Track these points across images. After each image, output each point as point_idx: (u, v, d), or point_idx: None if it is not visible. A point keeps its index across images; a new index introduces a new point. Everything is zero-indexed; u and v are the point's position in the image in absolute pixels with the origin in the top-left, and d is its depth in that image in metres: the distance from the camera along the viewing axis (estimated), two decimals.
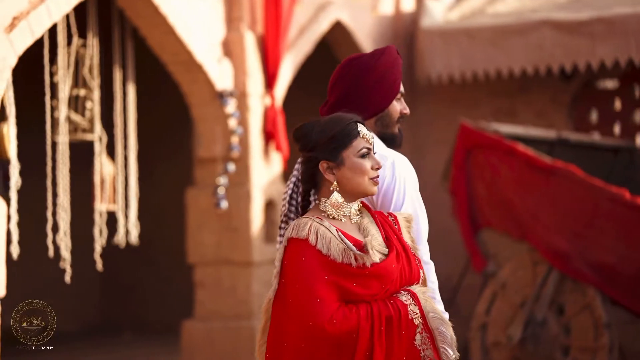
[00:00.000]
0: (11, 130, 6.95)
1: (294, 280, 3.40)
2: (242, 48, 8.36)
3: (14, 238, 6.92)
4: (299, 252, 3.42)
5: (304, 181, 3.60)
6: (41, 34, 6.71)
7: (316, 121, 3.61)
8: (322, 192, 3.58)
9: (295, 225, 3.46)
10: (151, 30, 7.87)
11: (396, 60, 3.97)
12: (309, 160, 3.55)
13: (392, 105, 3.94)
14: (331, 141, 3.54)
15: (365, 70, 3.95)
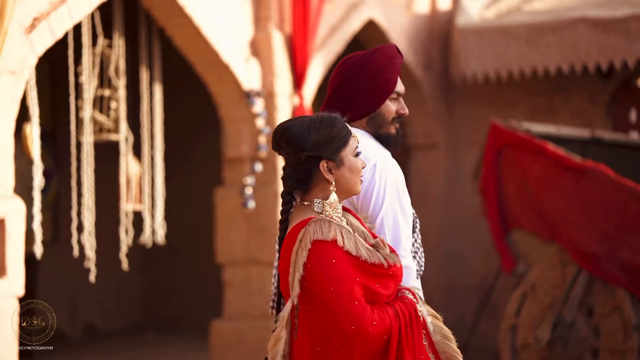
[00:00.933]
0: (34, 130, 7.01)
1: (327, 283, 3.32)
2: (270, 48, 8.35)
3: (38, 238, 6.99)
4: (328, 255, 3.34)
5: (299, 181, 3.51)
6: (62, 34, 6.76)
7: (302, 121, 3.56)
8: (315, 193, 3.52)
9: (316, 227, 3.37)
10: (177, 31, 7.89)
11: (391, 59, 3.91)
12: (308, 160, 3.48)
13: (386, 105, 3.89)
14: (333, 140, 3.50)
15: (357, 69, 3.92)
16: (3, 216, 6.25)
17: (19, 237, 6.36)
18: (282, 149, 3.53)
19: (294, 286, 3.34)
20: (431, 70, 10.62)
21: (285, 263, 3.42)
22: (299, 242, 3.37)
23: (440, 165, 10.81)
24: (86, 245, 7.40)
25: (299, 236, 3.38)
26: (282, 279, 3.45)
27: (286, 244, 3.45)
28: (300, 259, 3.34)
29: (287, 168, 3.55)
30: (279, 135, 3.52)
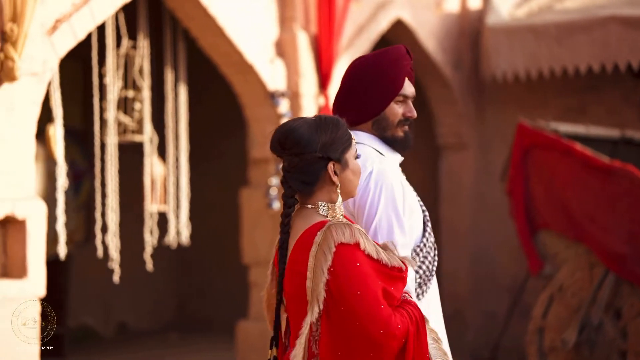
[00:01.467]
0: (58, 131, 7.05)
1: (353, 287, 3.26)
2: (295, 48, 8.34)
3: (61, 239, 7.03)
4: (352, 258, 3.29)
5: (305, 183, 3.43)
6: (84, 36, 6.79)
7: (306, 122, 3.52)
8: (320, 196, 3.47)
9: (338, 230, 3.31)
10: (202, 32, 7.90)
11: (397, 61, 3.84)
12: (316, 161, 3.43)
13: (391, 108, 3.83)
14: (339, 141, 3.46)
15: (361, 71, 3.89)
16: (24, 217, 6.29)
17: (40, 238, 6.39)
18: (285, 150, 3.47)
19: (319, 291, 3.27)
20: (461, 69, 10.56)
21: (297, 267, 3.35)
22: (317, 246, 3.31)
23: (470, 166, 10.74)
24: (110, 246, 7.43)
25: (317, 239, 3.32)
26: (291, 282, 3.39)
27: (299, 247, 3.38)
28: (324, 263, 3.27)
29: (292, 170, 3.47)
30: (284, 137, 3.45)
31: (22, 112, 6.32)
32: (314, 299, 3.27)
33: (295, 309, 3.39)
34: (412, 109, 3.85)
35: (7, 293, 6.22)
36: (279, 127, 3.50)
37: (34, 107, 6.42)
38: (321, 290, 3.25)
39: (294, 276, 3.38)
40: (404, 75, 3.83)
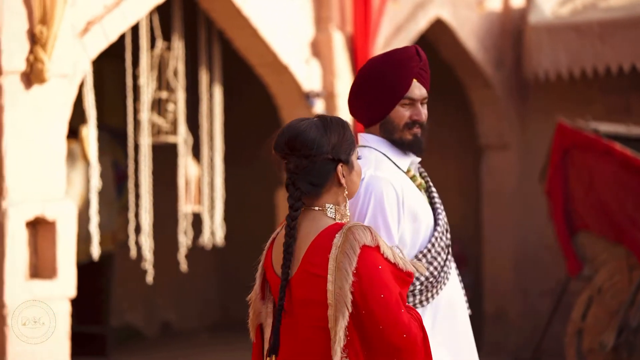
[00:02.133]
0: (91, 133, 7.10)
1: (377, 290, 3.21)
2: (331, 48, 8.31)
3: (95, 240, 7.07)
4: (375, 261, 3.23)
5: (314, 186, 3.35)
6: (116, 38, 6.82)
7: (312, 123, 3.46)
8: (327, 198, 3.40)
9: (360, 232, 3.25)
10: (236, 33, 7.91)
11: (403, 62, 3.76)
12: (326, 163, 3.36)
13: (396, 110, 3.75)
14: (346, 143, 3.38)
15: (367, 72, 3.84)
16: (54, 218, 6.33)
17: (70, 239, 6.44)
18: (292, 153, 3.42)
19: (346, 293, 3.19)
20: (503, 69, 10.45)
21: (314, 270, 3.27)
22: (338, 248, 3.23)
23: (512, 166, 10.63)
24: (144, 246, 7.46)
25: (336, 241, 3.24)
26: (305, 286, 3.31)
27: (315, 250, 3.30)
28: (348, 265, 3.20)
29: (300, 172, 3.40)
30: (293, 138, 3.38)
31: (52, 113, 6.37)
32: (342, 302, 3.20)
33: (306, 313, 3.30)
34: (419, 112, 3.75)
35: (38, 293, 6.27)
36: (286, 129, 3.42)
37: (64, 108, 6.46)
38: (347, 293, 3.18)
39: (309, 279, 3.30)
40: (411, 77, 3.74)
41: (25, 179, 6.21)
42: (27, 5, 6.18)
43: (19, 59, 6.16)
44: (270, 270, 3.42)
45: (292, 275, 3.32)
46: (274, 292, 3.41)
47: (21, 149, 6.19)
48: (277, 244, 3.43)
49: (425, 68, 3.78)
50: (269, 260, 3.44)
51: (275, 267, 3.39)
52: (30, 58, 6.18)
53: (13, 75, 6.14)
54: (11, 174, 6.14)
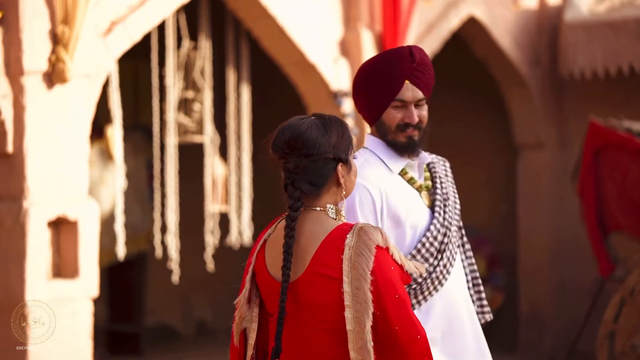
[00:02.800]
0: (116, 132, 7.11)
1: (392, 291, 3.19)
2: (359, 47, 8.26)
3: (120, 240, 7.08)
4: (388, 261, 3.22)
5: (315, 186, 3.31)
6: (140, 37, 6.83)
7: (312, 122, 3.41)
8: (326, 198, 3.35)
9: (372, 232, 3.22)
10: (263, 32, 7.89)
11: (393, 63, 3.68)
12: (328, 162, 3.31)
13: (388, 112, 3.70)
14: (346, 142, 3.36)
15: (360, 74, 3.82)
16: (76, 218, 6.35)
17: (93, 238, 6.45)
18: (293, 152, 3.37)
19: (366, 293, 3.16)
20: (538, 67, 10.33)
21: (327, 271, 3.22)
22: (352, 249, 3.20)
23: (549, 165, 10.50)
24: (170, 246, 7.46)
25: (349, 242, 3.21)
26: (315, 288, 3.24)
27: (326, 251, 3.25)
28: (366, 266, 3.17)
29: (300, 171, 3.35)
30: (294, 138, 3.32)
31: (75, 113, 6.39)
32: (363, 303, 3.16)
33: (312, 316, 3.25)
34: (410, 115, 3.67)
35: (60, 293, 6.30)
36: (286, 128, 3.35)
37: (87, 108, 6.48)
38: (367, 292, 3.15)
39: (320, 281, 3.25)
40: (403, 78, 3.67)
41: (47, 179, 6.23)
42: (49, 5, 6.20)
43: (41, 59, 6.19)
44: (263, 273, 3.36)
45: (298, 277, 3.27)
46: (265, 295, 3.36)
47: (43, 149, 6.21)
48: (271, 245, 3.37)
49: (422, 69, 3.69)
50: (261, 263, 3.37)
51: (271, 269, 3.33)
52: (52, 58, 6.20)
53: (35, 76, 6.17)
54: (32, 174, 6.16)
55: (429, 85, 3.73)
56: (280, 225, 3.40)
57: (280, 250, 3.28)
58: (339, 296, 3.18)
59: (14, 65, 6.11)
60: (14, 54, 6.11)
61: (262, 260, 3.37)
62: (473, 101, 11.15)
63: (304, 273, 3.26)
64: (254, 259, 3.39)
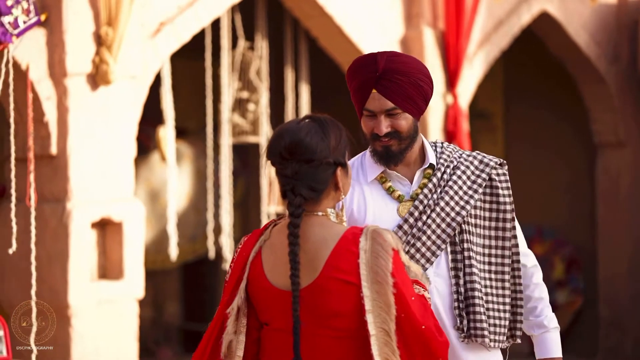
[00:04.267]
0: (169, 133, 7.11)
1: (408, 292, 3.14)
2: (421, 45, 8.11)
3: (173, 240, 7.09)
4: (401, 263, 3.18)
5: (316, 191, 3.21)
6: (189, 38, 6.81)
7: (309, 126, 3.32)
8: (326, 202, 3.25)
9: (386, 235, 3.16)
10: (320, 31, 7.81)
11: (358, 71, 3.50)
12: (328, 167, 3.23)
13: (363, 120, 3.55)
14: (343, 144, 3.27)
15: (346, 76, 3.72)
16: (120, 219, 6.36)
17: (138, 239, 6.46)
18: (292, 158, 3.28)
19: (389, 296, 3.11)
20: (617, 63, 10.01)
21: (343, 276, 3.14)
22: (367, 252, 3.14)
23: (628, 165, 10.18)
24: (224, 246, 7.44)
25: (363, 246, 3.15)
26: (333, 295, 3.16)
27: (339, 256, 3.17)
28: (385, 269, 3.12)
29: (299, 177, 3.25)
30: (294, 144, 3.21)
31: (120, 114, 6.40)
32: (386, 307, 3.11)
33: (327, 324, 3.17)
34: (378, 125, 3.48)
35: (105, 294, 6.32)
36: (284, 133, 3.25)
37: (133, 109, 6.49)
38: (390, 295, 3.10)
39: (336, 286, 3.16)
40: (369, 87, 3.48)
41: (91, 180, 6.25)
42: (93, 7, 6.22)
43: (85, 60, 6.21)
44: (261, 281, 3.26)
45: (309, 284, 3.18)
46: (262, 304, 3.27)
47: (86, 151, 6.23)
48: (269, 251, 3.27)
49: (391, 78, 3.46)
50: (258, 270, 3.27)
51: (270, 276, 3.24)
52: (96, 60, 6.22)
53: (78, 77, 6.20)
54: (76, 176, 6.19)
55: (404, 95, 3.49)
56: (275, 230, 3.31)
57: (281, 257, 3.21)
58: (356, 301, 3.13)
59: (58, 67, 6.15)
60: (58, 55, 6.15)
61: (259, 268, 3.28)
62: (550, 98, 10.88)
63: (317, 279, 3.18)
64: (247, 267, 3.29)
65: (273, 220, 3.37)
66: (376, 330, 3.10)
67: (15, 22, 5.90)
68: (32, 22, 6.02)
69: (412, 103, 3.50)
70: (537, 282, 3.70)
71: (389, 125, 3.50)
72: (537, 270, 3.71)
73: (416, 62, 3.57)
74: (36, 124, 6.13)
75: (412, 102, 3.50)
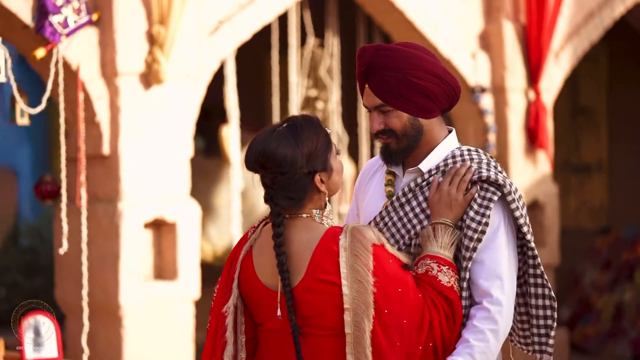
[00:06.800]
0: (233, 133, 7.04)
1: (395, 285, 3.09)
2: (501, 40, 7.83)
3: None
4: (386, 257, 3.13)
5: (294, 200, 3.18)
6: (249, 36, 6.72)
7: (282, 136, 3.20)
8: (310, 206, 3.22)
9: (365, 231, 3.12)
10: (392, 27, 7.63)
11: (356, 64, 3.35)
12: (303, 177, 3.18)
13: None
14: (320, 150, 3.20)
15: None
16: (174, 220, 6.30)
17: (193, 240, 6.39)
18: (266, 170, 3.21)
19: (367, 296, 3.07)
20: None
21: (326, 276, 3.11)
22: (347, 250, 3.10)
23: None
24: None
25: (343, 244, 3.11)
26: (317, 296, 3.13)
27: (321, 256, 3.13)
28: (365, 266, 3.08)
29: (276, 187, 3.19)
30: (263, 158, 3.17)
31: (174, 114, 6.34)
32: (363, 306, 3.08)
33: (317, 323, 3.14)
34: (371, 122, 3.33)
35: (159, 295, 6.28)
36: (254, 144, 3.22)
37: (189, 108, 6.42)
38: (369, 294, 3.07)
39: (321, 287, 3.14)
40: (362, 82, 3.32)
41: (143, 180, 6.21)
42: (145, 5, 6.18)
43: (137, 60, 6.17)
44: (253, 281, 3.23)
45: (295, 286, 3.16)
46: (254, 304, 3.25)
47: (139, 150, 6.20)
48: (258, 251, 3.24)
49: (377, 72, 3.26)
50: (249, 269, 3.24)
51: (261, 276, 3.22)
52: (148, 59, 6.18)
53: (130, 76, 6.16)
54: (128, 176, 6.16)
55: (393, 92, 3.26)
56: (265, 229, 3.29)
57: (268, 257, 3.20)
58: (339, 300, 3.10)
59: (109, 66, 6.13)
60: (109, 55, 6.13)
61: (250, 267, 3.25)
62: None
63: (302, 281, 3.16)
64: (238, 266, 3.26)
65: (265, 218, 3.32)
66: (352, 329, 3.08)
67: (65, 22, 5.91)
68: (83, 22, 6.01)
69: (405, 100, 3.28)
70: (476, 324, 3.17)
71: (382, 122, 3.33)
72: (485, 314, 3.17)
73: (413, 55, 3.30)
74: (87, 124, 6.13)
75: (404, 100, 3.28)
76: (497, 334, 3.15)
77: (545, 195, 8.05)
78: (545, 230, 8.05)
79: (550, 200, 8.10)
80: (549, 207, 8.07)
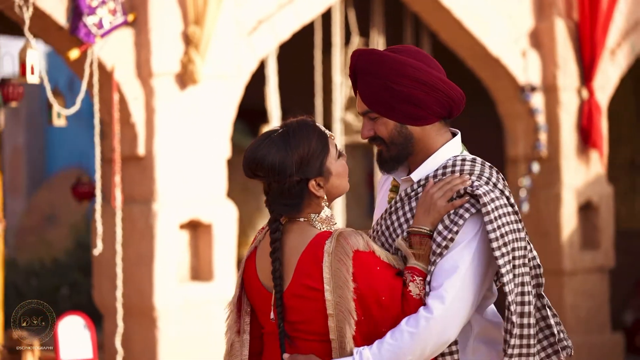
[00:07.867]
0: None
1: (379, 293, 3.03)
2: (553, 39, 7.64)
3: None
4: (370, 264, 3.05)
5: (289, 206, 3.13)
6: (288, 36, 6.66)
7: (273, 143, 3.15)
8: (308, 211, 3.16)
9: (351, 237, 3.03)
10: (440, 25, 7.51)
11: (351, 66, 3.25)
12: (296, 184, 3.12)
13: None
14: (314, 156, 3.12)
15: None
16: (210, 221, 6.27)
17: (229, 242, 6.35)
18: (258, 177, 3.19)
19: (348, 302, 3.03)
20: None
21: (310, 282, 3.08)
22: (331, 255, 3.04)
23: None
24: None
25: (327, 249, 3.05)
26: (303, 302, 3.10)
27: (308, 261, 3.10)
28: (346, 272, 3.03)
29: (272, 194, 3.17)
30: (254, 166, 3.13)
31: (210, 114, 6.32)
32: (345, 311, 3.04)
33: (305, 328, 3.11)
34: (362, 128, 3.22)
35: (194, 296, 6.25)
36: (247, 152, 3.17)
37: (226, 109, 6.38)
38: (350, 300, 3.03)
39: (306, 292, 3.11)
40: (354, 87, 3.24)
41: (179, 181, 6.19)
42: (181, 6, 6.16)
43: (172, 60, 6.16)
44: (255, 282, 3.21)
45: (284, 291, 3.14)
46: (257, 305, 3.23)
47: (175, 151, 6.18)
48: (261, 253, 3.22)
49: (362, 78, 3.16)
50: (252, 270, 3.23)
51: (262, 278, 3.20)
52: (184, 59, 6.16)
53: (165, 77, 6.15)
54: (163, 177, 6.15)
55: (375, 98, 3.14)
56: (269, 232, 3.25)
57: (266, 260, 3.17)
58: (324, 306, 3.06)
59: (145, 67, 6.13)
60: (144, 56, 6.12)
61: (253, 268, 3.24)
62: None
63: (289, 286, 3.13)
64: (242, 266, 3.26)
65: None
66: (337, 336, 3.05)
67: (100, 23, 5.92)
68: (118, 23, 6.02)
69: (389, 107, 3.14)
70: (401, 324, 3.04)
71: (371, 129, 3.21)
72: (414, 316, 3.04)
73: (397, 61, 3.14)
74: (123, 125, 6.13)
75: (388, 107, 3.14)
76: (415, 338, 3.00)
77: (599, 196, 7.84)
78: (599, 232, 7.84)
79: (604, 201, 7.88)
80: (603, 208, 7.86)
